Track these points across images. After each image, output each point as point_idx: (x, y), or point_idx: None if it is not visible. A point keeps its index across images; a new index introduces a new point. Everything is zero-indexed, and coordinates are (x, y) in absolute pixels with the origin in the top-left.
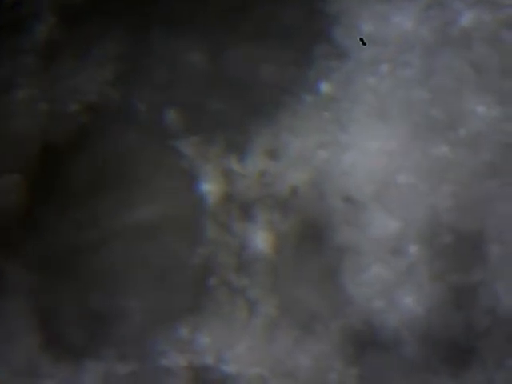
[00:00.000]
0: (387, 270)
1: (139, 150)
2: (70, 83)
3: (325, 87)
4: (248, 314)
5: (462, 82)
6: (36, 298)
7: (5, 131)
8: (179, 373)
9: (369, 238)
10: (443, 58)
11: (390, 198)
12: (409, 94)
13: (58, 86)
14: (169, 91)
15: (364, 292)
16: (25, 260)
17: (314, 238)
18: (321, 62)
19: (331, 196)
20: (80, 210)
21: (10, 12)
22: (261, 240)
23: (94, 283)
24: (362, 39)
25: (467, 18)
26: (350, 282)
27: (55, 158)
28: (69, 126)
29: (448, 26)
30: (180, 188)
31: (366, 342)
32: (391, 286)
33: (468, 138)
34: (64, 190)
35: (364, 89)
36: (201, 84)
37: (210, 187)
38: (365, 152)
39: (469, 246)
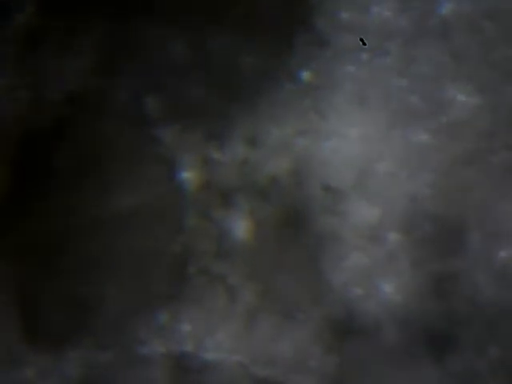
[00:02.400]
0: (367, 258)
1: (119, 138)
2: (51, 72)
3: (305, 75)
4: (228, 301)
5: (442, 71)
6: (16, 286)
7: None
8: (159, 360)
9: (348, 226)
10: (423, 47)
11: (370, 185)
12: (388, 82)
13: (38, 75)
14: (148, 79)
15: (344, 279)
16: (5, 248)
17: (293, 225)
18: (301, 49)
19: (311, 184)
20: (60, 199)
21: None
22: (241, 228)
23: (73, 271)
24: (361, 39)
25: (447, 8)
26: (330, 270)
27: (35, 147)
28: (49, 115)
29: (428, 16)
30: (160, 176)
31: (346, 330)
32: (371, 273)
33: (448, 126)
34: (44, 179)
35: (344, 77)
36: (180, 72)
37: (190, 175)
38: (344, 140)
39: (448, 234)
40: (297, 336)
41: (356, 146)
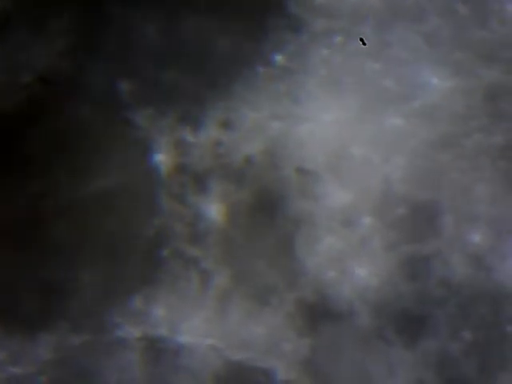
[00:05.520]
0: (341, 241)
1: (92, 121)
2: (23, 55)
3: (278, 59)
4: (202, 285)
5: (416, 54)
6: None
7: None
8: (133, 344)
9: (322, 209)
10: (396, 30)
11: (344, 169)
12: (362, 65)
13: (10, 58)
14: (122, 63)
15: (317, 263)
16: None
17: (267, 209)
18: (275, 33)
19: (285, 167)
20: (33, 182)
21: None
22: (215, 211)
23: (47, 255)
24: (361, 39)
25: None
26: (304, 253)
27: (8, 130)
28: (21, 98)
29: None
30: (133, 159)
31: (320, 313)
32: (345, 257)
33: (422, 110)
34: (17, 162)
35: (318, 61)
36: (154, 56)
37: (164, 158)
38: (319, 123)
39: (422, 217)
40: (270, 320)
41: (330, 129)
